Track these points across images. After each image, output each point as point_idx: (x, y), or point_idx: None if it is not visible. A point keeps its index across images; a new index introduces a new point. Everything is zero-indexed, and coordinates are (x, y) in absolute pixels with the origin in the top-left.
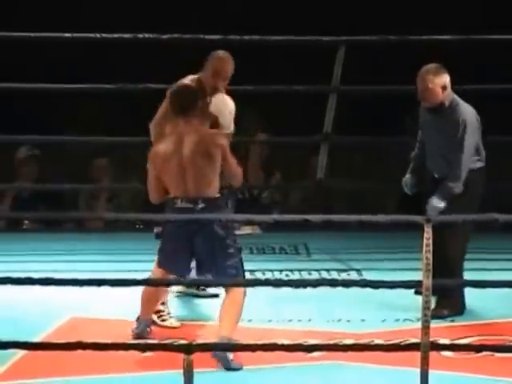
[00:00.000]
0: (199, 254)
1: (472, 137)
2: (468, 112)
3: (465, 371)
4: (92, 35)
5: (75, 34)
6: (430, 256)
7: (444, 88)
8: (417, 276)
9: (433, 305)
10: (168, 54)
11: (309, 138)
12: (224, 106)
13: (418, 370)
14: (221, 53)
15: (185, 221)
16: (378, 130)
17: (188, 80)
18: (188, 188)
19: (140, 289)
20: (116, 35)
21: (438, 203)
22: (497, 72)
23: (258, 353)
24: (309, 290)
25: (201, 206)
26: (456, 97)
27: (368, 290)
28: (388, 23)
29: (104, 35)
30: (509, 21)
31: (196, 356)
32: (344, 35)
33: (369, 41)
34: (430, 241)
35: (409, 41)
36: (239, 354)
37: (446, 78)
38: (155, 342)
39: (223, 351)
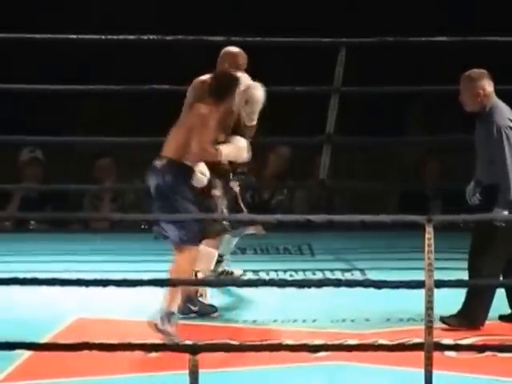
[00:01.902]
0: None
1: (509, 143)
2: (503, 118)
3: (468, 371)
4: (97, 36)
5: (80, 36)
6: (432, 256)
7: (480, 94)
8: (421, 276)
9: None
10: (173, 55)
11: (311, 138)
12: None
13: (421, 370)
14: (232, 48)
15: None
16: (380, 131)
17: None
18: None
19: (145, 289)
20: (121, 37)
21: (499, 214)
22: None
23: (263, 353)
24: (313, 290)
25: (161, 163)
26: (498, 102)
27: (372, 289)
28: (388, 25)
29: (109, 37)
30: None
31: (201, 356)
32: (345, 37)
33: (369, 42)
34: (432, 241)
35: (408, 42)
36: (245, 354)
37: (483, 83)
38: (161, 342)
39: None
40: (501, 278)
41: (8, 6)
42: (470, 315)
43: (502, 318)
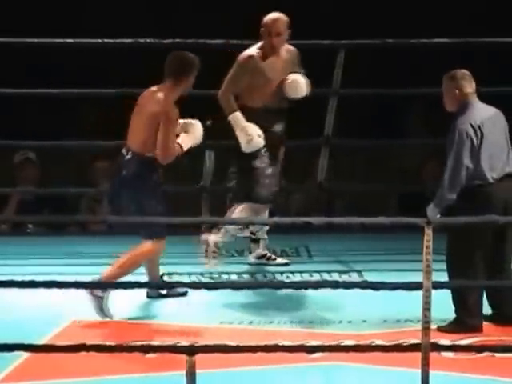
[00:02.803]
0: None
1: (463, 148)
2: (466, 121)
3: (465, 372)
4: (94, 40)
5: (77, 40)
6: (430, 258)
7: (456, 94)
8: (419, 278)
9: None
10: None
11: (309, 141)
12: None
13: (418, 371)
14: (268, 16)
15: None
16: (380, 133)
17: (255, 48)
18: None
19: (141, 291)
20: (118, 40)
21: (431, 211)
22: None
23: (260, 354)
24: (310, 291)
25: (128, 157)
26: (473, 104)
27: (369, 291)
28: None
29: (106, 40)
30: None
31: (198, 357)
32: (344, 39)
33: (368, 44)
34: (430, 243)
35: (408, 44)
36: (242, 355)
37: (461, 84)
38: (158, 343)
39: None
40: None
41: (4, 11)
42: (468, 320)
43: (484, 318)
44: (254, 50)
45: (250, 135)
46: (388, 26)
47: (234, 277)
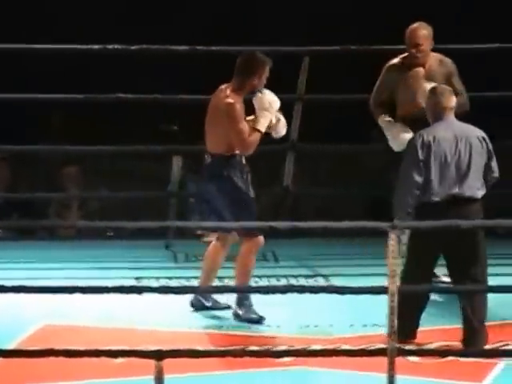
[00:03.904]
0: None
1: (409, 160)
2: (421, 134)
3: (431, 376)
4: (63, 46)
5: (47, 46)
6: (395, 262)
7: (433, 108)
8: (384, 282)
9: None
10: (138, 64)
11: (275, 146)
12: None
13: (385, 375)
14: (413, 25)
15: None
16: (344, 138)
17: (399, 57)
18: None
19: (111, 296)
20: (86, 46)
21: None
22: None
23: (228, 358)
24: (277, 296)
25: (208, 160)
26: (443, 120)
27: (335, 295)
28: (351, 33)
29: (74, 46)
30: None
31: (167, 362)
32: (309, 45)
33: (331, 51)
34: (395, 247)
35: (370, 50)
36: (210, 359)
37: (440, 99)
38: (126, 348)
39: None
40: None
41: None
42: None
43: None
44: (397, 59)
45: (391, 135)
46: (351, 32)
47: None
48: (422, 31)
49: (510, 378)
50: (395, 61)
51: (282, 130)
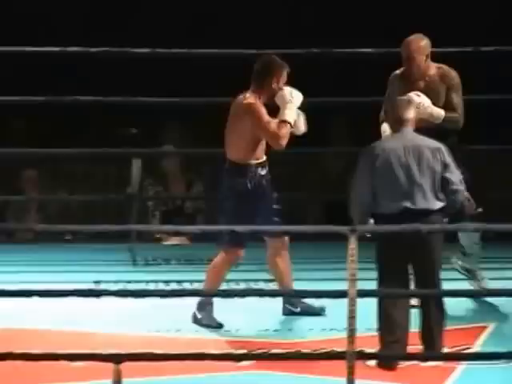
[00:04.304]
0: None
1: (357, 174)
2: (373, 145)
3: (390, 380)
4: (20, 48)
5: (6, 48)
6: (355, 266)
7: (392, 118)
8: (343, 286)
9: None
10: (99, 66)
11: None
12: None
13: (344, 379)
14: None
15: None
16: (303, 141)
17: (399, 71)
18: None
19: (70, 299)
20: (45, 48)
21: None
22: None
23: (187, 362)
24: (237, 299)
25: (226, 167)
26: (398, 131)
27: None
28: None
29: (32, 48)
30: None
31: (125, 366)
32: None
33: (293, 54)
34: (355, 251)
35: (332, 54)
36: (169, 363)
37: (402, 111)
38: (85, 351)
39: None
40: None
41: None
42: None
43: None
44: (399, 71)
45: None
46: (315, 35)
47: (161, 285)
48: (416, 44)
49: (469, 382)
50: (397, 72)
51: (302, 126)
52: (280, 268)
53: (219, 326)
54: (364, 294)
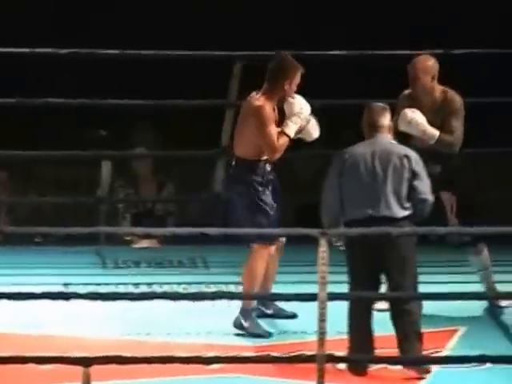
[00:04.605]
0: None
1: (326, 179)
2: (343, 151)
3: (360, 383)
4: None
5: None
6: (326, 269)
7: (365, 125)
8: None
9: None
10: (68, 68)
11: (206, 152)
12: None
13: (314, 383)
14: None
15: None
16: None
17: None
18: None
19: (39, 302)
20: (16, 49)
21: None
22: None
23: (157, 365)
24: (207, 302)
25: (233, 163)
26: (370, 137)
27: None
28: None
29: (2, 50)
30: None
31: (95, 369)
32: (241, 50)
33: (263, 56)
34: (326, 254)
35: (302, 56)
36: (138, 366)
37: (376, 117)
38: (54, 355)
39: None
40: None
41: None
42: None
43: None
44: (408, 90)
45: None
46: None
47: (130, 288)
48: (423, 64)
49: None
50: (406, 92)
51: (314, 132)
52: (268, 270)
53: (267, 333)
54: (334, 297)
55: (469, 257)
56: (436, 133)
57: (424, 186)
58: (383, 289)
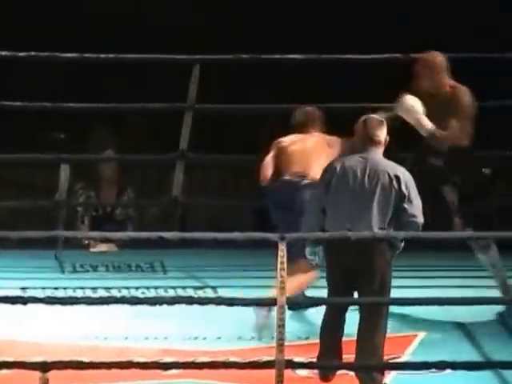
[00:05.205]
0: None
1: (318, 185)
2: (331, 163)
3: None
4: None
5: None
6: (285, 273)
7: (356, 136)
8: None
9: None
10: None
11: (165, 155)
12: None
13: None
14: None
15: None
16: (234, 148)
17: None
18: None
19: (7, 307)
20: None
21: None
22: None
23: (115, 370)
24: (165, 307)
25: (304, 182)
26: (359, 151)
27: (224, 307)
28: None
29: None
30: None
31: (52, 374)
32: (200, 53)
33: (223, 59)
34: (284, 258)
35: (261, 60)
36: (96, 371)
37: (357, 128)
38: (11, 359)
39: None
40: None
41: None
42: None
43: None
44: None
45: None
46: (245, 41)
47: (88, 292)
48: (424, 61)
49: None
50: (414, 87)
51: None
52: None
53: None
54: (293, 302)
55: (477, 255)
56: (430, 127)
57: (413, 208)
58: None
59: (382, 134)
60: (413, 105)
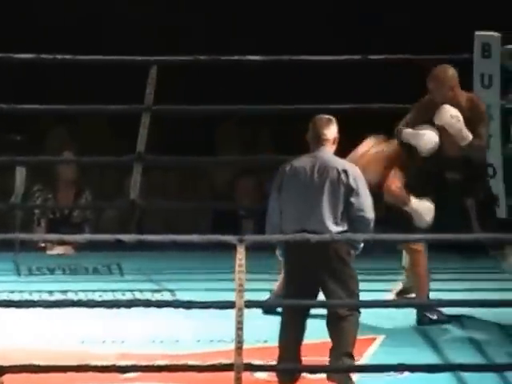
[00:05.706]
0: None
1: (273, 186)
2: (287, 163)
3: None
4: None
5: None
6: (243, 276)
7: (308, 137)
8: (231, 296)
9: None
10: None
11: (122, 157)
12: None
13: None
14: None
15: None
16: (191, 150)
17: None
18: None
19: None
20: None
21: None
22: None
23: (72, 374)
24: (123, 310)
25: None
26: (312, 150)
27: (182, 310)
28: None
29: None
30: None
31: (8, 378)
32: (158, 55)
33: (180, 61)
34: (243, 261)
35: (220, 61)
36: (53, 375)
37: (310, 128)
38: None
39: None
40: None
41: None
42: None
43: None
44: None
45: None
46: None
47: (45, 295)
48: (441, 75)
49: None
50: (425, 99)
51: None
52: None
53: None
54: (252, 304)
55: (502, 264)
56: (469, 135)
57: (361, 202)
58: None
59: (330, 133)
60: (457, 115)
